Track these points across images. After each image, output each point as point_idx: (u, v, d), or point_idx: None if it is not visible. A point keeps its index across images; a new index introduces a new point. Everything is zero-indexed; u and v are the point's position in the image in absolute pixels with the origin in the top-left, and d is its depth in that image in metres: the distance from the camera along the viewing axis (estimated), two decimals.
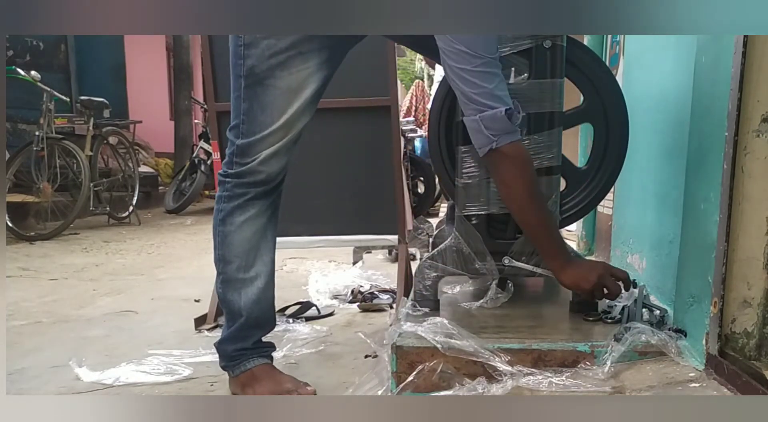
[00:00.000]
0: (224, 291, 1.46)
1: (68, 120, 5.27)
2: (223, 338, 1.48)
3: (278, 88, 1.36)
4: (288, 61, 1.34)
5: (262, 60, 1.34)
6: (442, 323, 1.28)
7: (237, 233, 1.42)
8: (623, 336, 1.25)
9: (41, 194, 4.58)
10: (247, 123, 1.38)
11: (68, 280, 3.05)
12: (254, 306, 1.45)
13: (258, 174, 1.40)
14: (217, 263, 1.46)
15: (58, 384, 1.60)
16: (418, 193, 5.18)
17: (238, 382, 1.46)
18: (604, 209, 2.40)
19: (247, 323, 1.45)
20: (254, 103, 1.36)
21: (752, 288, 1.18)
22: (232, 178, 1.41)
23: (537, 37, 1.39)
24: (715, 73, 1.23)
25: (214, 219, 1.46)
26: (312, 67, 1.37)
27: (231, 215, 1.42)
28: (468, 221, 1.49)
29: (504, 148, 1.31)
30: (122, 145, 5.72)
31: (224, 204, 1.43)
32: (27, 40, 6.02)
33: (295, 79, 1.36)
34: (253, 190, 1.41)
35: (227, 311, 1.47)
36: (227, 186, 1.42)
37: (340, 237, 2.33)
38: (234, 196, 1.42)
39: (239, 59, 1.36)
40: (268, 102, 1.36)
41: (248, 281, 1.44)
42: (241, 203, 1.42)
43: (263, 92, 1.36)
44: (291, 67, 1.35)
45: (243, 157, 1.39)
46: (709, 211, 1.21)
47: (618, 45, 2.32)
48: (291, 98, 1.37)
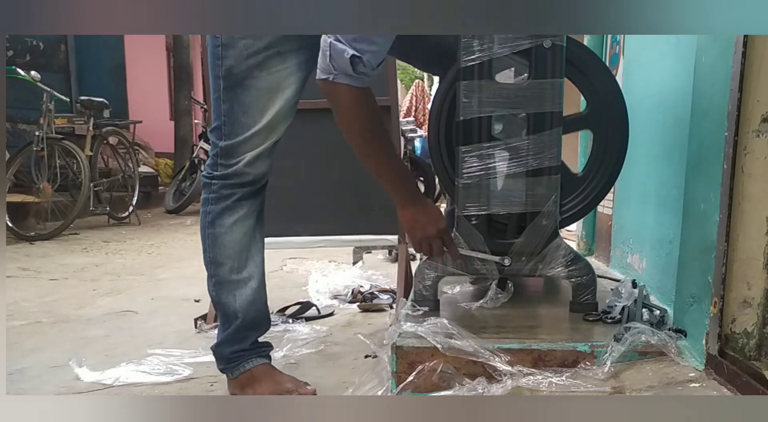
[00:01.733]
0: (218, 294, 1.45)
1: (68, 120, 5.27)
2: (220, 341, 1.47)
3: (258, 89, 1.35)
4: (266, 61, 1.33)
5: (240, 60, 1.33)
6: (442, 323, 1.28)
7: (227, 234, 1.42)
8: (623, 336, 1.25)
9: (41, 194, 4.57)
10: (228, 124, 1.37)
11: (68, 280, 3.05)
12: (249, 307, 1.44)
13: (245, 175, 1.39)
14: (208, 266, 1.45)
15: (58, 384, 1.60)
16: None
17: (237, 383, 1.46)
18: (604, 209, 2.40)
19: (244, 324, 1.44)
20: (235, 104, 1.35)
21: (752, 288, 1.18)
22: (218, 179, 1.40)
23: (537, 37, 1.39)
24: (715, 73, 1.23)
25: (201, 221, 1.45)
26: (291, 67, 1.36)
27: (220, 217, 1.41)
28: (468, 221, 1.48)
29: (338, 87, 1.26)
30: (122, 145, 5.72)
31: (212, 206, 1.42)
32: (27, 40, 6.02)
33: (274, 79, 1.35)
34: (240, 190, 1.40)
35: (222, 313, 1.46)
36: (213, 187, 1.41)
37: (340, 237, 2.33)
38: (221, 198, 1.41)
39: (217, 60, 1.35)
40: (249, 103, 1.35)
41: (242, 282, 1.44)
42: (230, 204, 1.41)
43: (243, 93, 1.35)
44: (270, 67, 1.34)
45: (227, 159, 1.38)
46: (709, 211, 1.21)
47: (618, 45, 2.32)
48: (272, 99, 1.36)
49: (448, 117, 1.56)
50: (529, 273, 1.50)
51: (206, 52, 2.10)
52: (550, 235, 1.48)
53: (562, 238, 1.50)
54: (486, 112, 1.43)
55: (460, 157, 1.47)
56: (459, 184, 1.48)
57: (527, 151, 1.44)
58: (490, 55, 1.40)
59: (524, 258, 1.49)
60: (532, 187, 1.45)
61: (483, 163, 1.45)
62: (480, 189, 1.47)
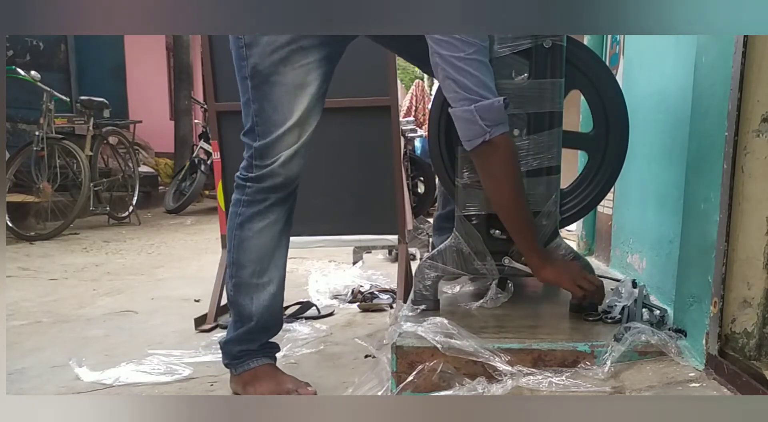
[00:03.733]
0: (235, 295, 1.45)
1: (68, 120, 5.26)
2: (230, 338, 1.48)
3: (284, 85, 1.35)
4: (290, 55, 1.34)
5: (264, 56, 1.33)
6: (442, 323, 1.28)
7: (254, 239, 1.42)
8: (623, 336, 1.25)
9: (41, 194, 4.57)
10: (261, 124, 1.37)
11: (68, 280, 3.05)
12: (265, 312, 1.45)
13: (278, 176, 1.39)
14: (230, 266, 1.46)
15: (58, 384, 1.60)
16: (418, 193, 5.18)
17: (239, 380, 1.47)
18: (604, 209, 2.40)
19: (257, 328, 1.45)
20: (264, 102, 1.36)
21: (752, 288, 1.18)
22: (253, 182, 1.40)
23: (537, 37, 1.39)
24: (715, 73, 1.23)
25: (229, 221, 1.45)
26: (313, 62, 1.36)
27: (250, 221, 1.42)
28: (468, 221, 1.48)
29: (497, 140, 1.29)
30: (122, 144, 5.72)
31: (243, 208, 1.42)
32: (27, 40, 6.02)
33: (298, 74, 1.35)
34: (273, 195, 1.41)
35: (236, 313, 1.46)
36: (248, 190, 1.41)
37: (340, 237, 2.33)
38: (254, 202, 1.41)
39: (243, 61, 1.36)
40: (278, 99, 1.36)
41: (261, 286, 1.44)
42: (261, 209, 1.41)
43: (271, 90, 1.35)
44: (294, 62, 1.34)
45: (262, 159, 1.39)
46: (709, 211, 1.21)
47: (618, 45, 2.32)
48: (299, 94, 1.36)
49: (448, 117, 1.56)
50: (530, 273, 1.50)
51: (206, 53, 2.10)
52: (550, 235, 1.48)
53: (562, 238, 1.51)
54: None
55: (460, 157, 1.47)
56: (459, 184, 1.48)
57: (527, 150, 1.44)
58: (491, 55, 1.40)
59: (524, 258, 1.49)
60: (532, 187, 1.45)
61: None
62: (480, 189, 1.47)
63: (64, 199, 4.79)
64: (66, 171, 4.83)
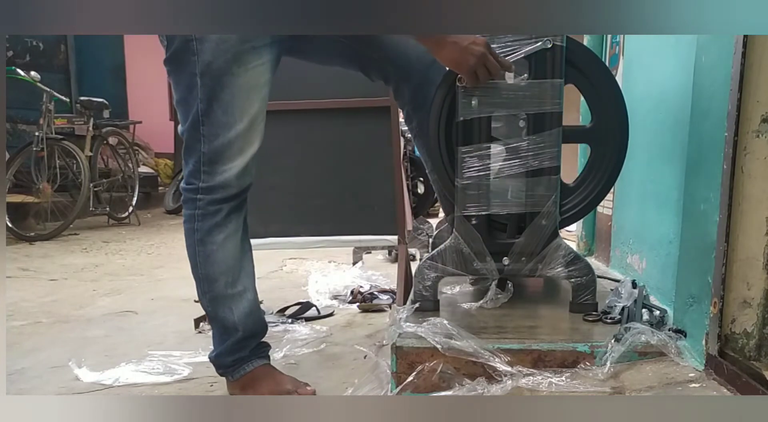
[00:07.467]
0: (214, 309, 1.43)
1: (68, 120, 5.27)
2: (219, 352, 1.46)
3: (238, 86, 1.29)
4: (243, 55, 1.28)
5: (219, 54, 1.27)
6: (442, 323, 1.28)
7: (220, 251, 1.39)
8: (623, 336, 1.25)
9: (41, 194, 4.58)
10: (208, 125, 1.30)
11: (68, 280, 3.05)
12: (247, 319, 1.44)
13: (231, 188, 1.34)
14: (201, 281, 1.42)
15: (58, 384, 1.60)
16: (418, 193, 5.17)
17: (237, 385, 1.46)
18: (604, 209, 2.39)
19: (244, 336, 1.44)
20: (214, 103, 1.29)
21: (752, 289, 1.17)
22: (204, 193, 1.34)
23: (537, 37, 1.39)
24: (715, 73, 1.23)
25: (187, 238, 1.40)
26: (266, 63, 1.32)
27: (210, 234, 1.37)
28: (468, 221, 1.48)
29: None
30: (122, 145, 5.72)
31: (199, 223, 1.37)
32: (27, 40, 6.02)
33: (252, 76, 1.30)
34: (226, 205, 1.36)
35: (220, 327, 1.45)
36: (199, 204, 1.36)
37: (340, 238, 2.32)
38: (208, 214, 1.36)
39: (192, 55, 1.28)
40: (228, 101, 1.29)
41: (237, 296, 1.42)
42: (219, 221, 1.37)
43: (222, 91, 1.28)
44: (247, 63, 1.29)
45: (212, 166, 1.32)
46: (709, 212, 1.21)
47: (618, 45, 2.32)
48: (251, 96, 1.31)
49: (448, 117, 1.56)
50: (529, 273, 1.50)
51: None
52: (550, 235, 1.48)
53: (562, 238, 1.50)
54: (486, 112, 1.43)
55: (460, 157, 1.47)
56: (459, 184, 1.48)
57: (527, 151, 1.44)
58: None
59: (524, 259, 1.49)
60: (531, 187, 1.45)
61: (482, 163, 1.45)
62: (480, 189, 1.47)
63: (64, 200, 4.78)
64: (66, 171, 4.83)
